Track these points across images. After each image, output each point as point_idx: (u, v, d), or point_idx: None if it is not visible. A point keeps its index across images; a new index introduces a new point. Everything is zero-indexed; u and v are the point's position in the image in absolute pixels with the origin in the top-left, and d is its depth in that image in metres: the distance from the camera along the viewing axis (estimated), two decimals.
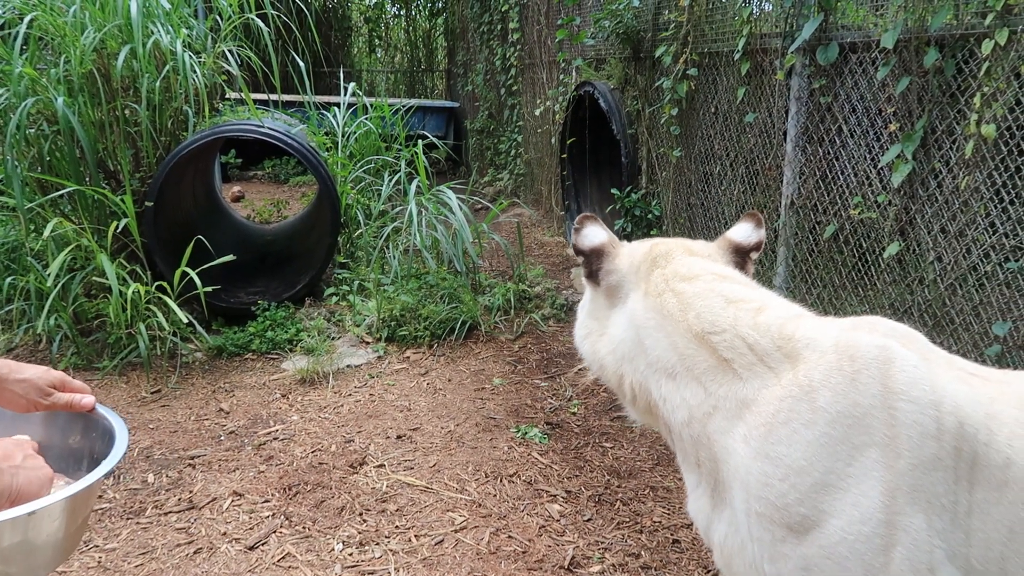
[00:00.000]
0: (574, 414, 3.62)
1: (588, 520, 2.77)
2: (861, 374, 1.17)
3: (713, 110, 4.32)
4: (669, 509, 2.84)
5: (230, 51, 4.88)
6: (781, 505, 1.16)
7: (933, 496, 1.11)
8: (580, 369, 4.04)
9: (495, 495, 2.92)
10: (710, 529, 1.34)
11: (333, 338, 4.41)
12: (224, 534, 2.66)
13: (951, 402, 1.15)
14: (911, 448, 1.12)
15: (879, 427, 1.14)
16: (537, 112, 7.37)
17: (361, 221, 5.35)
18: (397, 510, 2.80)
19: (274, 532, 2.66)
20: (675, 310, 1.38)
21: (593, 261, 1.55)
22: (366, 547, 2.58)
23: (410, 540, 2.63)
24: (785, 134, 3.58)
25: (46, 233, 3.87)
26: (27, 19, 4.06)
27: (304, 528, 2.68)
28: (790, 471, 1.16)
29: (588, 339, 1.59)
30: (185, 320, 3.95)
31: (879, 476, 1.12)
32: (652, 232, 5.10)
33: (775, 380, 1.24)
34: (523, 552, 2.57)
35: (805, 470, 1.15)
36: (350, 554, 2.55)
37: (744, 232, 1.60)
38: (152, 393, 3.80)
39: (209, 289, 4.01)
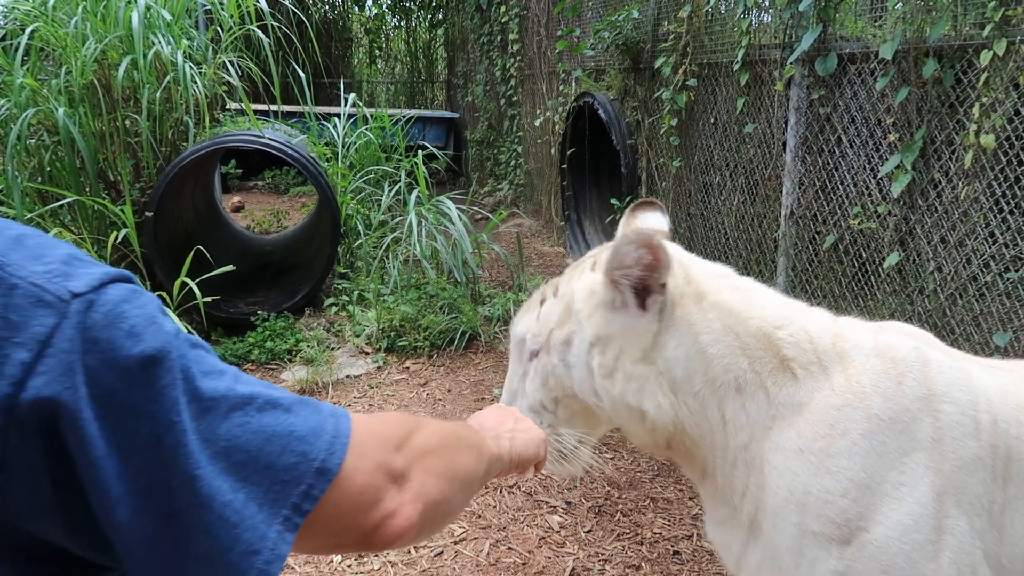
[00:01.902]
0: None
1: (588, 531, 2.75)
2: (906, 377, 1.15)
3: (713, 121, 4.33)
4: (670, 520, 2.83)
5: (231, 62, 4.89)
6: (842, 522, 1.11)
7: (974, 497, 1.11)
8: None
9: (494, 506, 2.90)
10: (743, 557, 1.26)
11: (333, 348, 4.40)
12: None
13: (984, 399, 1.15)
14: (955, 450, 1.12)
15: (926, 431, 1.12)
16: (537, 123, 7.39)
17: (361, 231, 5.35)
18: None
19: None
20: (741, 306, 1.24)
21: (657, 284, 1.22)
22: (365, 558, 2.57)
23: (409, 552, 2.61)
24: (784, 144, 3.58)
25: None
26: (29, 30, 4.08)
27: None
28: (851, 485, 1.12)
29: (644, 391, 1.22)
30: (184, 330, 3.94)
31: (929, 481, 1.10)
32: None
33: (826, 382, 1.19)
34: (523, 564, 2.56)
35: (865, 483, 1.11)
36: (348, 566, 2.53)
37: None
38: None
39: (209, 299, 4.00)
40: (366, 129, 6.13)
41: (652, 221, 1.49)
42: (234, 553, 0.56)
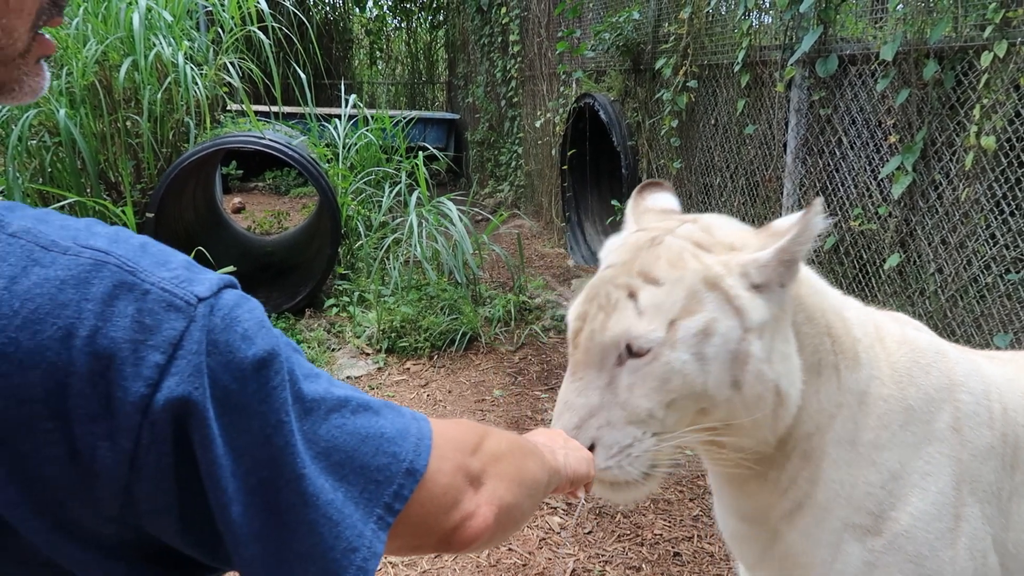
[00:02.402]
0: None
1: (589, 533, 2.75)
2: (932, 368, 1.15)
3: (713, 122, 4.33)
4: (670, 522, 2.83)
5: (231, 63, 4.90)
6: (878, 512, 1.11)
7: (987, 484, 1.12)
8: None
9: None
10: (767, 549, 1.22)
11: (333, 349, 4.40)
12: None
13: (995, 388, 1.16)
14: (972, 439, 1.12)
15: (948, 420, 1.13)
16: (537, 124, 7.39)
17: (361, 232, 5.35)
18: None
19: None
20: (819, 283, 1.20)
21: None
22: None
23: None
24: (785, 146, 3.59)
25: None
26: None
27: None
28: (889, 476, 1.11)
29: (793, 372, 1.12)
30: None
31: (950, 470, 1.10)
32: None
33: (878, 368, 1.16)
34: (523, 565, 2.56)
35: (898, 473, 1.11)
36: None
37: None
38: None
39: None
40: (367, 130, 6.13)
41: (662, 201, 1.35)
42: (336, 551, 0.58)
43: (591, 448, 1.07)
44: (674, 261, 1.12)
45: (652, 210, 1.33)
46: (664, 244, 1.14)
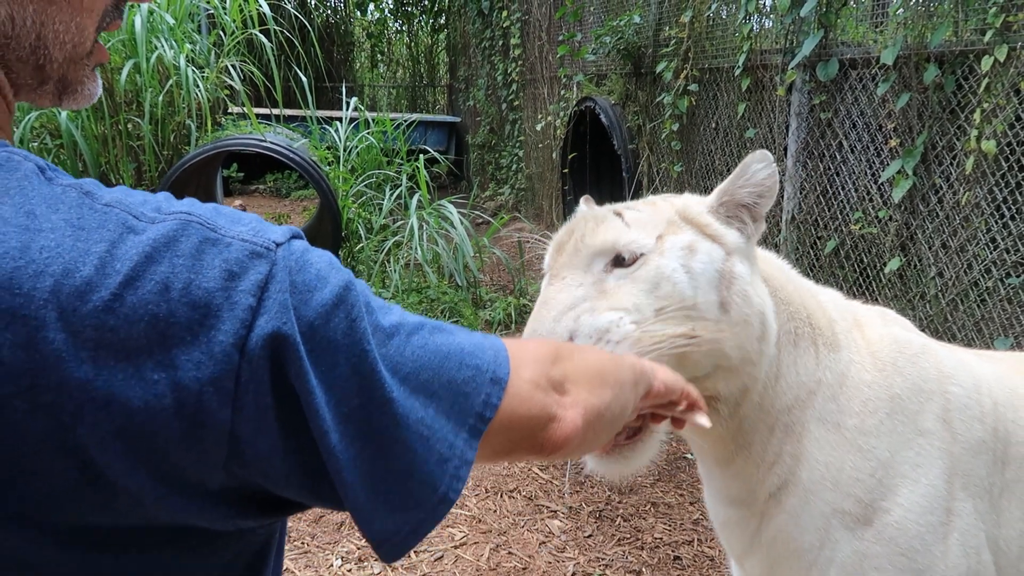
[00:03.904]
0: None
1: (589, 536, 2.75)
2: (919, 358, 1.16)
3: (714, 125, 4.33)
4: (670, 525, 2.82)
5: (233, 66, 4.91)
6: (868, 501, 1.11)
7: (978, 479, 1.12)
8: None
9: (495, 510, 2.90)
10: (757, 534, 1.22)
11: None
12: None
13: (985, 383, 1.16)
14: (963, 432, 1.12)
15: (938, 412, 1.13)
16: (538, 127, 7.40)
17: (362, 235, 5.35)
18: None
19: None
20: (789, 269, 1.25)
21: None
22: (365, 563, 2.56)
23: (409, 556, 2.61)
24: (786, 149, 3.59)
25: None
26: None
27: (303, 543, 2.67)
28: (878, 464, 1.11)
29: (768, 308, 1.16)
30: None
31: (942, 464, 1.10)
32: None
33: (857, 354, 1.18)
34: (523, 568, 2.55)
35: (888, 462, 1.11)
36: (349, 570, 2.53)
37: None
38: None
39: None
40: (368, 133, 6.14)
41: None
42: (429, 463, 0.62)
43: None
44: (648, 202, 1.22)
45: None
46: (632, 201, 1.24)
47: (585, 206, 1.34)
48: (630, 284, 1.08)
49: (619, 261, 1.10)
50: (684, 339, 1.05)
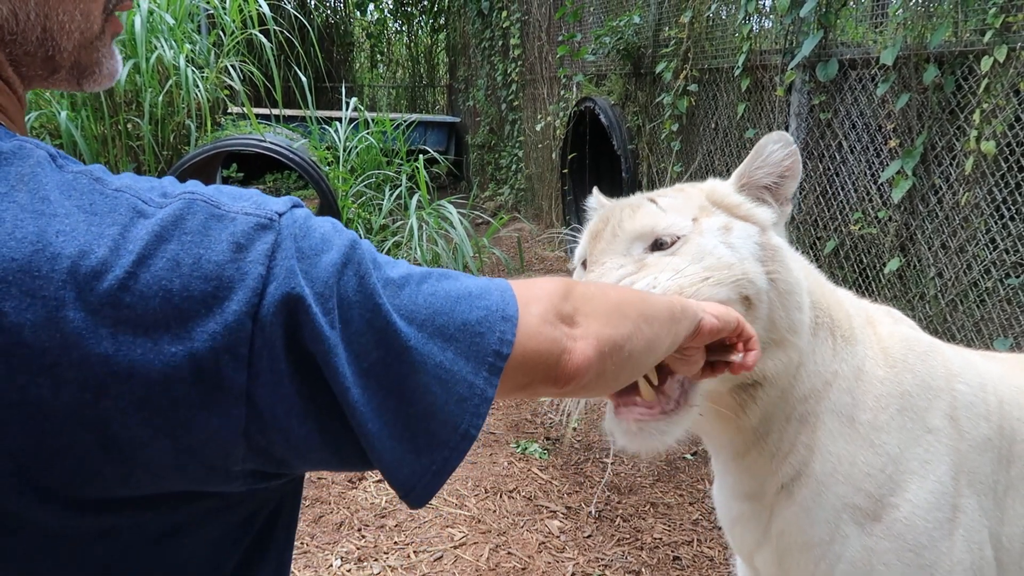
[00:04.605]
0: (574, 429, 3.60)
1: (588, 536, 2.75)
2: (928, 356, 1.17)
3: (713, 126, 4.33)
4: (670, 526, 2.82)
5: (233, 66, 4.91)
6: (878, 496, 1.11)
7: (984, 476, 1.12)
8: None
9: (495, 511, 2.90)
10: (767, 527, 1.22)
11: None
12: None
13: (991, 382, 1.17)
14: (970, 429, 1.13)
15: (946, 410, 1.13)
16: (538, 127, 7.40)
17: (362, 235, 5.34)
18: (396, 526, 2.79)
19: None
20: (808, 265, 1.26)
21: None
22: (364, 563, 2.56)
23: (409, 556, 2.61)
24: None
25: None
26: None
27: (302, 543, 2.67)
28: (888, 460, 1.12)
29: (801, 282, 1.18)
30: None
31: (949, 461, 1.11)
32: None
33: (871, 349, 1.19)
34: (523, 568, 2.55)
35: (897, 458, 1.11)
36: (348, 570, 2.53)
37: None
38: None
39: None
40: (367, 133, 6.13)
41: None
42: (450, 403, 0.64)
43: None
44: (676, 189, 1.23)
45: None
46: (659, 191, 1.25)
47: (598, 198, 1.37)
48: (674, 258, 1.09)
49: (658, 245, 1.12)
50: (731, 276, 1.07)
